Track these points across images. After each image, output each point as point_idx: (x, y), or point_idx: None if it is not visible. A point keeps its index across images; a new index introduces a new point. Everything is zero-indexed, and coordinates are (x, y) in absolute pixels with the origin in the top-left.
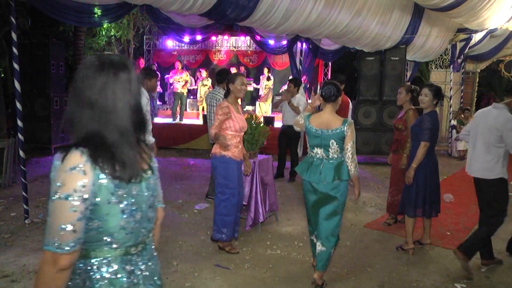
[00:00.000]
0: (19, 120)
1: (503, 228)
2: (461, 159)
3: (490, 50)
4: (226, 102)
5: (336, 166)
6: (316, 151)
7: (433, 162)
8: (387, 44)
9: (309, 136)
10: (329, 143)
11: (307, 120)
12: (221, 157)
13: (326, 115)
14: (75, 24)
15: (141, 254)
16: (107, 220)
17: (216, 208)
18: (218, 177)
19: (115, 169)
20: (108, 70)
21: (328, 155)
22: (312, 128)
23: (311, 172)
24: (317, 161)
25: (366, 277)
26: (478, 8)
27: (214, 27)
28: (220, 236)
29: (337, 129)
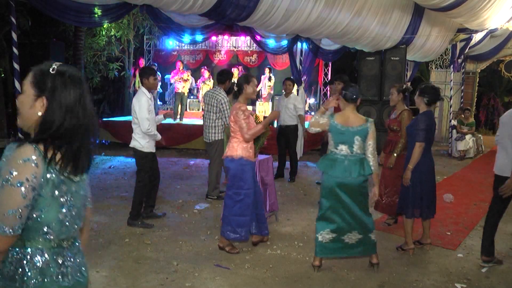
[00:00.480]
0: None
1: (503, 228)
2: (461, 159)
3: (490, 50)
4: (240, 103)
5: (360, 162)
6: (340, 148)
7: (428, 162)
8: (387, 44)
9: (333, 134)
10: (354, 139)
11: (332, 118)
12: (238, 160)
13: (349, 113)
14: (75, 24)
15: (70, 248)
16: (48, 212)
17: (230, 209)
18: (233, 178)
19: (65, 167)
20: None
21: (352, 152)
22: (338, 125)
23: (337, 168)
24: (341, 157)
25: (366, 277)
26: (478, 8)
27: (214, 27)
28: (235, 236)
29: (361, 126)
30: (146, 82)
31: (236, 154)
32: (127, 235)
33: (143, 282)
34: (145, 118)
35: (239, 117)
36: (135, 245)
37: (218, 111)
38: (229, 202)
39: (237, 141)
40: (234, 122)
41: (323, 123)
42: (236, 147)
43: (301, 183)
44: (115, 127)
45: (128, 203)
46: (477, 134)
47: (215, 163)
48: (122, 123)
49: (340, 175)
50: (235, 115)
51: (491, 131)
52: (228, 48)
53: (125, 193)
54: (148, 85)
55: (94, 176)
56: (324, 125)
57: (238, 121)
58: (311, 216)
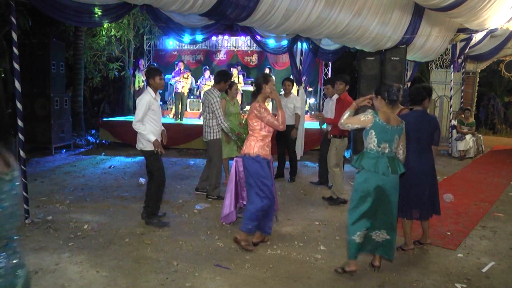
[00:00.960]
0: (19, 120)
1: (503, 228)
2: (461, 159)
3: (490, 50)
4: (258, 102)
5: (396, 160)
6: (383, 146)
7: (424, 162)
8: (387, 44)
9: (377, 131)
10: (394, 138)
11: (377, 116)
12: (255, 157)
13: (390, 113)
14: (75, 24)
15: (4, 249)
16: None
17: (255, 204)
18: (254, 175)
19: None
20: None
21: (391, 150)
22: (383, 123)
23: (380, 166)
24: (382, 155)
25: (366, 277)
26: (478, 8)
27: (214, 27)
28: (248, 228)
29: (399, 125)
30: (152, 82)
31: (253, 151)
32: (127, 235)
33: (143, 282)
34: (139, 114)
35: (262, 115)
36: (135, 245)
37: (210, 111)
38: (255, 198)
39: (254, 139)
40: (255, 120)
41: (366, 120)
42: (254, 145)
43: (301, 183)
44: (115, 127)
45: (128, 203)
46: (477, 134)
47: (214, 163)
48: (122, 123)
49: (384, 173)
50: (257, 114)
51: (491, 131)
52: (228, 48)
53: (125, 193)
54: (155, 85)
55: (94, 176)
56: (366, 122)
57: (263, 118)
58: (311, 216)
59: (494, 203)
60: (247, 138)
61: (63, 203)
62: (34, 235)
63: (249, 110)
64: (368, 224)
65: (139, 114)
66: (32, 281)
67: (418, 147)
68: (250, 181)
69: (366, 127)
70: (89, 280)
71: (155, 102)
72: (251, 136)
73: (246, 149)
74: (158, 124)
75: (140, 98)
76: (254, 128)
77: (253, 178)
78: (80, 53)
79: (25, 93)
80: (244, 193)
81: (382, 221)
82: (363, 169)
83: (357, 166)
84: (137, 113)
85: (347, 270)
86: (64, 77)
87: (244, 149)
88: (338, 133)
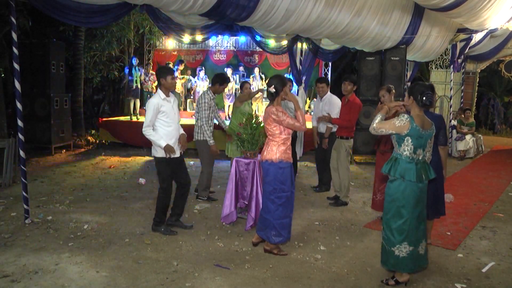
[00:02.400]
0: (19, 120)
1: (503, 228)
2: (461, 159)
3: (490, 50)
4: (274, 106)
5: (428, 166)
6: (418, 153)
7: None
8: (387, 44)
9: (413, 138)
10: (427, 143)
11: (413, 121)
12: (278, 163)
13: (423, 115)
14: (75, 24)
15: None
16: None
17: (273, 213)
18: (275, 182)
19: None
20: None
21: (424, 155)
22: (419, 129)
23: (418, 174)
24: (417, 162)
25: (366, 277)
26: (478, 8)
27: (214, 27)
28: (279, 239)
29: (431, 129)
30: (164, 82)
31: (276, 157)
32: (127, 235)
33: (143, 282)
34: (147, 119)
35: (281, 118)
36: (135, 245)
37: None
38: (272, 206)
39: (275, 144)
40: (274, 125)
41: (402, 126)
42: (276, 150)
43: (301, 183)
44: (115, 127)
45: (128, 203)
46: (477, 134)
47: (203, 164)
48: (122, 123)
49: (421, 181)
50: (275, 118)
51: (491, 131)
52: (227, 48)
53: (125, 193)
54: (166, 85)
55: (94, 176)
56: (403, 128)
57: (282, 122)
58: (311, 216)
59: (494, 203)
60: (267, 142)
61: (63, 203)
62: (34, 235)
63: (265, 114)
64: (409, 239)
65: (147, 119)
66: (32, 281)
67: None
68: (267, 188)
69: (401, 133)
70: (89, 280)
71: (166, 103)
72: (271, 141)
73: (268, 155)
74: (172, 126)
75: (148, 101)
76: (274, 133)
77: (271, 185)
78: (80, 53)
79: (25, 93)
80: (244, 193)
81: (423, 231)
82: (401, 178)
83: (393, 175)
84: (145, 118)
85: (401, 281)
86: (64, 77)
87: (265, 154)
88: (346, 134)
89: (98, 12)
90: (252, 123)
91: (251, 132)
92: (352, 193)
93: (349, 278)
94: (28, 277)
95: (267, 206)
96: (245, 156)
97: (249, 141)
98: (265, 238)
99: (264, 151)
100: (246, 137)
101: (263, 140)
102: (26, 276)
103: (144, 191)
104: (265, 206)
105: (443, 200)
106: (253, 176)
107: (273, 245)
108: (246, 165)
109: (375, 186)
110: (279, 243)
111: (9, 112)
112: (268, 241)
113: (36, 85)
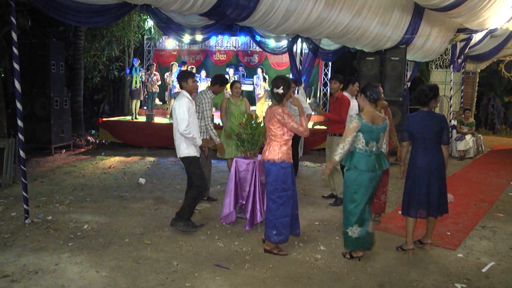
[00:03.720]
0: (19, 120)
1: (503, 228)
2: (461, 159)
3: (490, 50)
4: (280, 107)
5: (382, 156)
6: (371, 145)
7: (431, 163)
8: (387, 44)
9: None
10: (380, 136)
11: (362, 119)
12: (280, 163)
13: (374, 111)
14: (75, 24)
15: None
16: None
17: (273, 212)
18: (276, 182)
19: None
20: None
21: (377, 147)
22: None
23: (370, 164)
24: (371, 153)
25: (366, 277)
26: (478, 8)
27: (214, 27)
28: (280, 238)
29: (384, 123)
30: (185, 85)
31: (278, 157)
32: (127, 235)
33: (143, 282)
34: (185, 119)
35: (286, 121)
36: (135, 245)
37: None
38: (274, 206)
39: (277, 144)
40: (277, 126)
41: (354, 125)
42: (278, 151)
43: (301, 183)
44: (115, 127)
45: (128, 203)
46: (477, 134)
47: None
48: (122, 123)
49: (373, 170)
50: (280, 120)
51: (491, 131)
52: (227, 48)
53: (125, 193)
54: (188, 88)
55: (94, 176)
56: (355, 126)
57: (286, 124)
58: (311, 216)
59: (494, 203)
60: (268, 142)
61: (63, 203)
62: (34, 235)
63: (269, 114)
64: (359, 220)
65: (185, 119)
66: (32, 281)
67: (425, 147)
68: (269, 188)
69: (356, 132)
70: (89, 280)
71: (191, 104)
72: (273, 141)
73: (270, 155)
74: (195, 123)
75: (179, 104)
76: (276, 133)
77: (273, 185)
78: (80, 53)
79: (25, 93)
80: (244, 193)
81: (369, 213)
82: (354, 168)
83: (349, 165)
84: (181, 119)
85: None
86: (64, 77)
87: (267, 154)
88: (338, 131)
89: (98, 12)
90: (251, 123)
91: (250, 132)
92: None
93: (349, 278)
94: (28, 277)
95: (268, 205)
96: (245, 156)
97: (249, 141)
98: (266, 237)
99: (266, 151)
100: (246, 137)
101: (263, 140)
102: (26, 276)
103: (144, 191)
104: (268, 206)
105: (446, 198)
106: (252, 177)
107: (273, 245)
108: (246, 165)
109: None
110: (280, 242)
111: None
112: (269, 240)
113: (36, 85)
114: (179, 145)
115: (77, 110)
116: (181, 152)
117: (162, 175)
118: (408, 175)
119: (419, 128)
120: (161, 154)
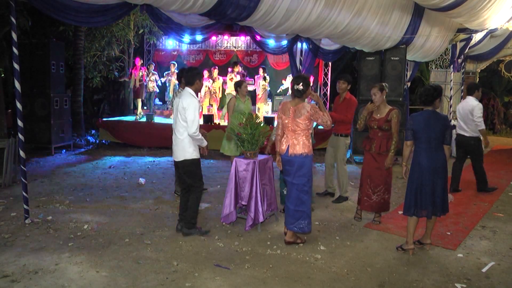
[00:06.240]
0: (19, 120)
1: (503, 228)
2: None
3: (490, 50)
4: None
5: None
6: None
7: (435, 162)
8: (387, 44)
9: None
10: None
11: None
12: (311, 155)
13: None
14: (75, 24)
15: None
16: None
17: (307, 203)
18: (309, 173)
19: None
20: None
21: None
22: None
23: None
24: None
25: (366, 277)
26: (478, 8)
27: (214, 27)
28: (310, 227)
29: None
30: (195, 83)
31: (310, 149)
32: (127, 235)
33: (143, 282)
34: (196, 120)
35: (318, 114)
36: (135, 245)
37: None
38: (306, 197)
39: (305, 137)
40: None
41: None
42: (308, 144)
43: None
44: (115, 127)
45: (128, 203)
46: None
47: None
48: (122, 123)
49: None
50: (312, 114)
51: (491, 131)
52: (227, 48)
53: (125, 193)
54: (196, 86)
55: (94, 176)
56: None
57: (318, 118)
58: (311, 216)
59: (494, 203)
60: (294, 137)
61: (63, 203)
62: (34, 235)
63: (296, 111)
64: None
65: (196, 120)
66: (32, 281)
67: (428, 146)
68: (301, 180)
69: None
70: (89, 280)
71: (199, 105)
72: (301, 135)
73: (302, 149)
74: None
75: (189, 103)
76: (305, 127)
77: (306, 176)
78: (80, 53)
79: (25, 93)
80: (243, 194)
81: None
82: None
83: None
84: (192, 120)
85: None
86: (64, 77)
87: (298, 149)
88: (344, 131)
89: (98, 12)
90: (251, 123)
91: (250, 132)
92: (352, 193)
93: (349, 278)
94: (28, 277)
95: (300, 198)
96: (245, 156)
97: (249, 141)
98: (297, 230)
99: (296, 145)
100: (246, 137)
101: (262, 140)
102: (26, 276)
103: (144, 191)
104: (296, 199)
105: (447, 197)
106: (252, 176)
107: (295, 236)
108: (246, 165)
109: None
110: (310, 231)
111: (9, 112)
112: (302, 231)
113: (36, 85)
114: (184, 147)
115: (77, 110)
116: (188, 155)
117: (162, 175)
118: (411, 175)
119: (423, 127)
120: (161, 154)
